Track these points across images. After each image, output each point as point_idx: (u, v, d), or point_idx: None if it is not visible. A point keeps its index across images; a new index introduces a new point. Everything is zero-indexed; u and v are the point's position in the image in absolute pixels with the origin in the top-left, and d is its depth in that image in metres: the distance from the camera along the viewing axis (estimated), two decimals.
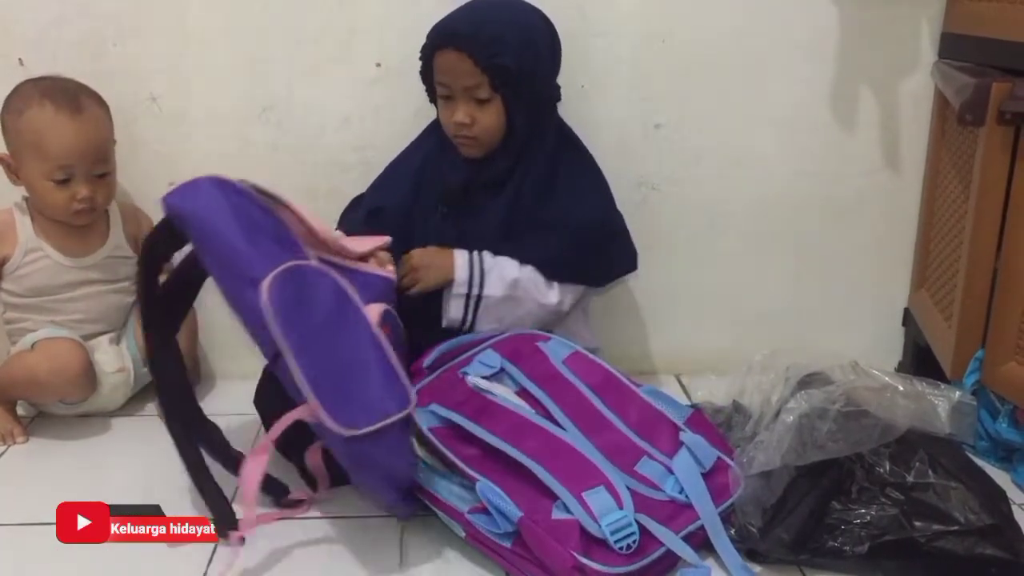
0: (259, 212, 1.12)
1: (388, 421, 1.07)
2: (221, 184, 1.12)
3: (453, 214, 1.42)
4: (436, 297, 1.38)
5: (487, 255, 1.38)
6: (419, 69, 1.40)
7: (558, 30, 1.41)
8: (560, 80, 1.44)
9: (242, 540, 1.15)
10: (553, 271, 1.40)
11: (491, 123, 1.38)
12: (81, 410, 1.46)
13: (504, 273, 1.37)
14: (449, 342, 1.35)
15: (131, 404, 1.52)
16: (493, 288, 1.36)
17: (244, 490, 1.11)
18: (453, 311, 1.37)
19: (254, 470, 1.10)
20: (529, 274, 1.39)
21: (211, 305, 1.59)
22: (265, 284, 1.05)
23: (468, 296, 1.36)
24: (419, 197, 1.44)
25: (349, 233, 1.30)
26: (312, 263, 1.12)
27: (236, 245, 1.07)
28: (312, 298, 1.09)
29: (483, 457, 1.15)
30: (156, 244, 1.18)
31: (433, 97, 1.42)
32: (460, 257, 1.37)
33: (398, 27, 1.52)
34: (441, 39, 1.35)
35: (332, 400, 1.05)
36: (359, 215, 1.46)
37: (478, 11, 1.38)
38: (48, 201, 1.41)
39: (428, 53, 1.38)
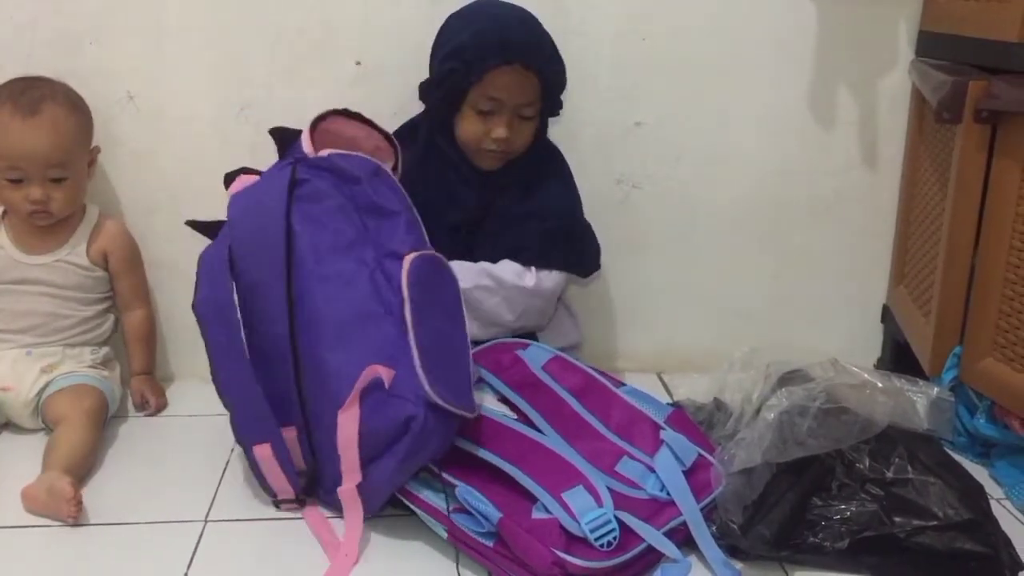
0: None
1: (460, 412, 1.11)
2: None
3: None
4: None
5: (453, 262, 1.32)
6: (451, 79, 1.33)
7: None
8: None
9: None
10: (527, 257, 1.38)
11: (527, 138, 1.37)
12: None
13: (472, 267, 1.35)
14: None
15: None
16: (462, 281, 1.27)
17: (345, 449, 1.12)
18: None
19: (350, 425, 1.12)
20: (500, 264, 1.37)
21: (184, 305, 1.59)
22: (408, 259, 1.16)
23: None
24: None
25: None
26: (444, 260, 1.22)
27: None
28: (440, 287, 1.19)
29: (462, 464, 1.15)
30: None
31: (448, 108, 1.37)
32: None
33: (378, 25, 1.52)
34: (507, 54, 1.29)
35: (431, 368, 1.10)
36: None
37: (530, 25, 1.34)
38: (4, 198, 1.41)
39: (486, 66, 1.30)
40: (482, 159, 1.39)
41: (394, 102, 1.45)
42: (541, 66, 1.30)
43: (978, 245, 1.34)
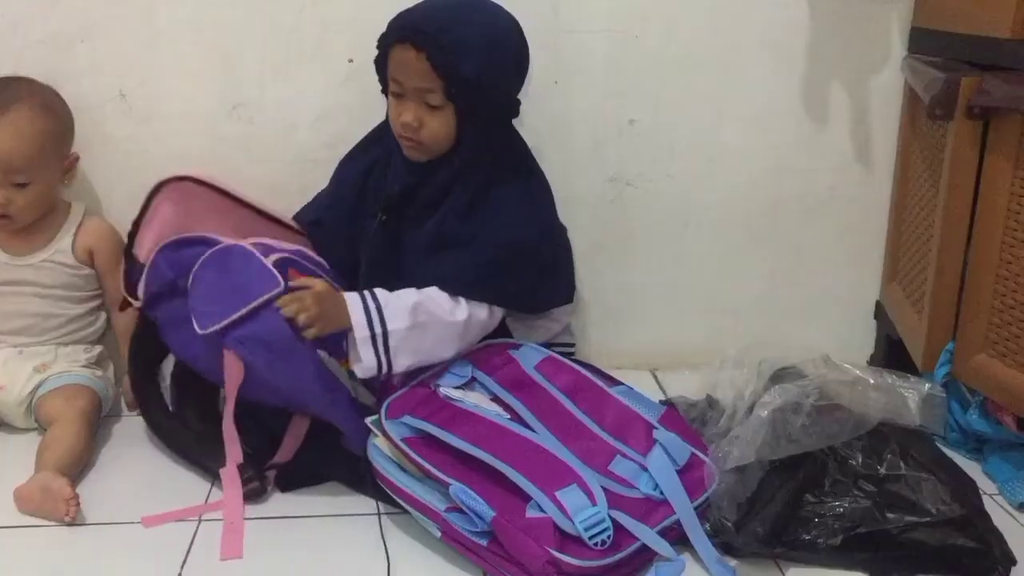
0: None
1: (257, 302, 1.18)
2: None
3: (393, 224, 1.37)
4: None
5: (380, 291, 1.26)
6: (375, 58, 1.34)
7: (531, 27, 1.39)
8: (533, 77, 1.43)
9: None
10: (457, 287, 1.29)
11: (439, 130, 1.30)
12: None
13: (402, 302, 1.25)
14: None
15: None
16: (396, 321, 1.23)
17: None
18: (364, 358, 1.23)
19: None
20: (431, 295, 1.27)
21: None
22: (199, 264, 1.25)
23: (373, 337, 1.22)
24: (363, 205, 1.41)
25: None
26: (239, 244, 1.26)
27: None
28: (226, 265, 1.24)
29: (456, 463, 1.14)
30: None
31: (386, 89, 1.36)
32: (352, 299, 1.24)
33: (370, 23, 1.50)
34: (401, 32, 1.28)
35: (212, 306, 1.21)
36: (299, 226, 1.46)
37: (447, 10, 1.30)
38: None
39: (386, 43, 1.31)
40: (403, 146, 1.35)
41: (386, 100, 1.45)
42: (432, 51, 1.25)
43: (970, 241, 1.35)
